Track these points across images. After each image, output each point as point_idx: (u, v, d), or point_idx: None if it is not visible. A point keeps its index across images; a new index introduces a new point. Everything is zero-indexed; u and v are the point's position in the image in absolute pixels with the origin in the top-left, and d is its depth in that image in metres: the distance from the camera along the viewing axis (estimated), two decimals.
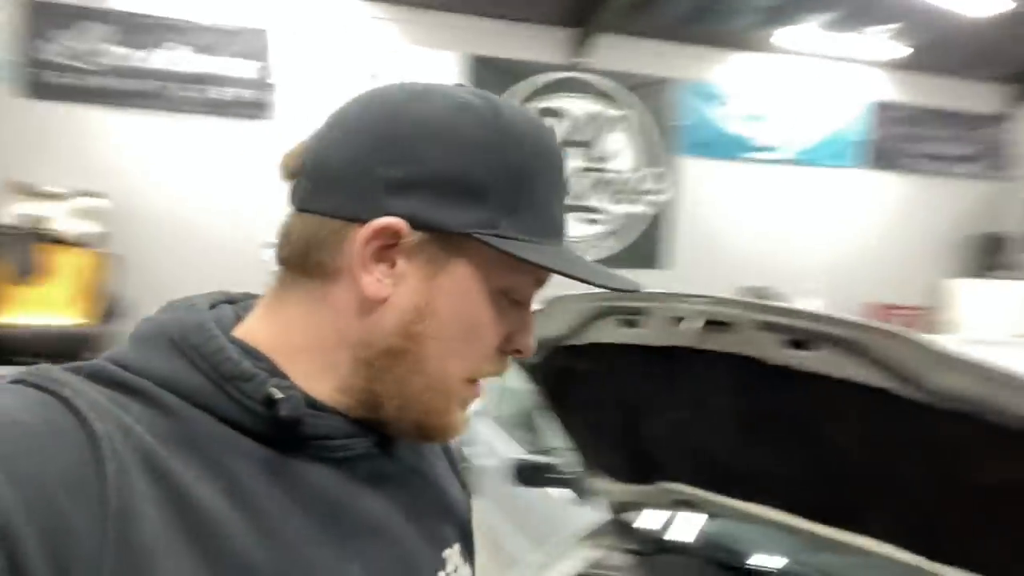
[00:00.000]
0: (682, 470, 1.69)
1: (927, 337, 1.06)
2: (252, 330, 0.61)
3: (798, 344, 1.16)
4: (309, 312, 0.61)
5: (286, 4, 5.97)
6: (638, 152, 7.23)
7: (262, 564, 0.53)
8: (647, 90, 7.15)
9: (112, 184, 5.57)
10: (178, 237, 5.70)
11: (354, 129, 0.60)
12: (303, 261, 0.60)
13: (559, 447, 2.24)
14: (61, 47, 5.55)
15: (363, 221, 0.58)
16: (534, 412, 2.63)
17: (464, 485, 0.81)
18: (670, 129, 7.29)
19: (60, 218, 5.31)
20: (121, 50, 5.66)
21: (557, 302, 1.46)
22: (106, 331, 5.04)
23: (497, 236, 0.59)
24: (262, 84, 5.94)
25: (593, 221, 7.10)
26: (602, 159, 7.11)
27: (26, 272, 5.10)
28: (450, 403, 0.63)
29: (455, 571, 0.70)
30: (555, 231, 0.63)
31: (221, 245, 5.79)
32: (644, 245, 7.26)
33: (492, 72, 6.53)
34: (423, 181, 0.58)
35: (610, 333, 1.46)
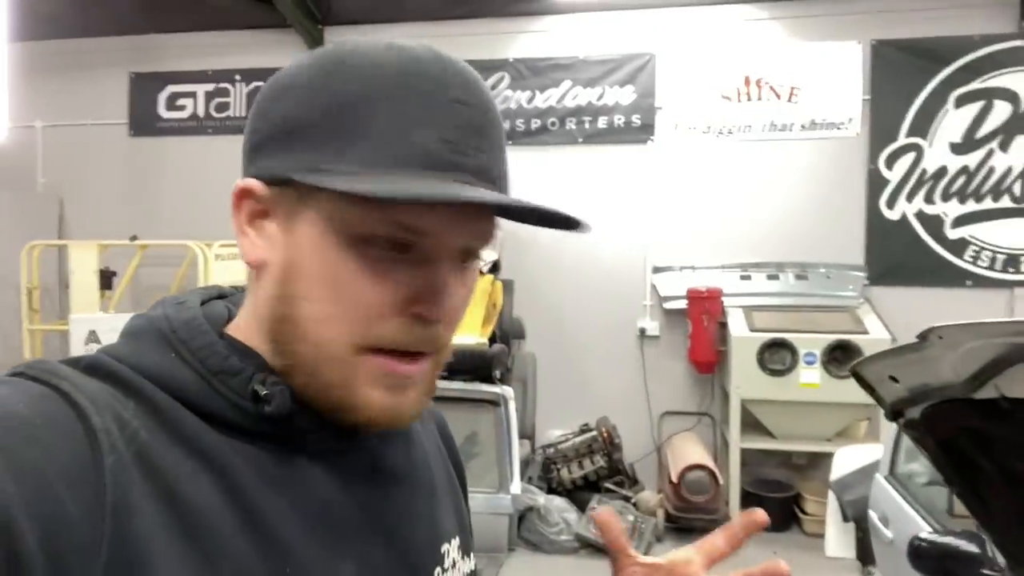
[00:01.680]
0: None
1: None
2: (241, 327, 0.61)
3: None
4: (249, 299, 0.61)
5: (668, 25, 5.91)
6: None
7: (256, 565, 0.52)
8: None
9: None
10: (564, 261, 5.95)
11: None
12: None
13: (980, 531, 1.65)
14: None
15: None
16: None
17: (459, 469, 0.78)
18: None
19: None
20: (517, 94, 6.15)
21: (942, 336, 1.01)
22: (506, 351, 5.48)
23: (320, 173, 0.53)
24: (647, 108, 5.96)
25: None
26: None
27: None
28: (350, 376, 0.56)
29: (453, 566, 0.68)
30: (417, 159, 0.53)
31: (611, 267, 5.93)
32: None
33: (904, 56, 5.56)
34: (266, 137, 0.57)
35: None
